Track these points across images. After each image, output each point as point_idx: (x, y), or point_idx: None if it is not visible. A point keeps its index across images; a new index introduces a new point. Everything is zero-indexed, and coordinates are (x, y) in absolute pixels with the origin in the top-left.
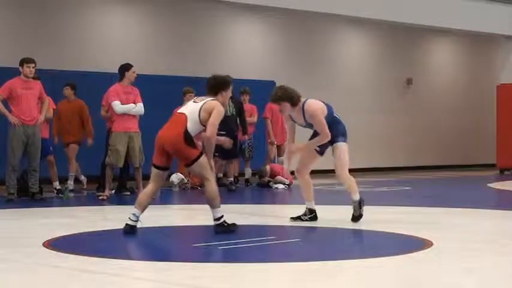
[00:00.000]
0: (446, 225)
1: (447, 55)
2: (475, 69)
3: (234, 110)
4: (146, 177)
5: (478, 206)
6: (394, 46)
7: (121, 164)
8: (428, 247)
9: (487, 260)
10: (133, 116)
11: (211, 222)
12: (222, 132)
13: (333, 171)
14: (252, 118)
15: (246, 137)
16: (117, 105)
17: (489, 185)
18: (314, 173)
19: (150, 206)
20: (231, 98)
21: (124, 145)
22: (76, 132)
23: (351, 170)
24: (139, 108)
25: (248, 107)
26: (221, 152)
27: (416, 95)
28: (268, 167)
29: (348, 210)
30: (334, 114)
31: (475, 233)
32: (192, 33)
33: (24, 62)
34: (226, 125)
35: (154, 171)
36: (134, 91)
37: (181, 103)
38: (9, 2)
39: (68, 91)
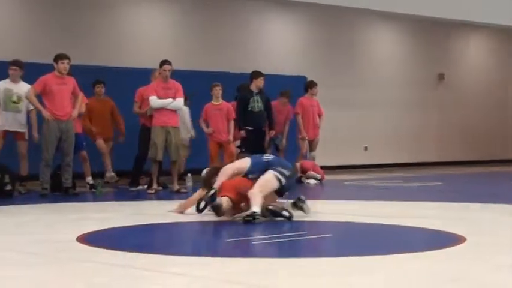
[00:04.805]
0: (478, 221)
1: (480, 50)
2: (509, 64)
3: (262, 106)
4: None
5: (510, 202)
6: (426, 41)
7: (160, 158)
8: (462, 242)
9: None
10: (172, 110)
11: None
12: (250, 128)
13: (362, 166)
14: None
15: (273, 132)
16: (153, 100)
17: None
18: (341, 168)
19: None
20: (259, 93)
21: (162, 139)
22: (109, 130)
23: (379, 166)
24: (176, 103)
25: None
26: (247, 147)
27: (449, 90)
28: (298, 164)
29: (379, 206)
30: None
31: (508, 228)
32: (224, 29)
33: (58, 58)
34: (254, 121)
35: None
36: (175, 86)
37: (211, 99)
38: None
39: (100, 89)
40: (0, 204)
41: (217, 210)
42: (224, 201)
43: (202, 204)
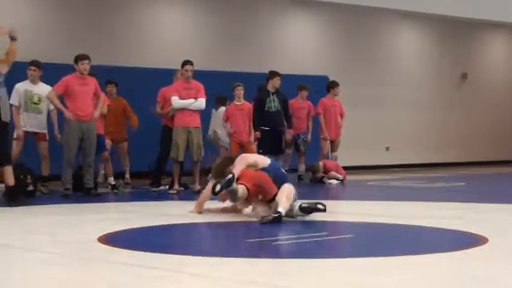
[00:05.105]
0: (501, 222)
1: (504, 50)
2: None
3: (279, 105)
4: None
5: None
6: (449, 41)
7: (181, 158)
8: (484, 243)
9: None
10: (194, 111)
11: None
12: (267, 128)
13: (384, 166)
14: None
15: (292, 131)
16: (175, 100)
17: None
18: (363, 168)
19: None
20: (276, 93)
21: (184, 140)
22: (121, 130)
23: (401, 166)
24: (198, 103)
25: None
26: (266, 148)
27: (472, 90)
28: (321, 163)
29: (401, 206)
30: None
31: None
32: (246, 29)
33: (78, 59)
34: (271, 121)
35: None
36: (197, 87)
37: (233, 98)
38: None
39: (111, 89)
40: (23, 204)
41: (232, 194)
42: (240, 188)
43: (218, 187)
